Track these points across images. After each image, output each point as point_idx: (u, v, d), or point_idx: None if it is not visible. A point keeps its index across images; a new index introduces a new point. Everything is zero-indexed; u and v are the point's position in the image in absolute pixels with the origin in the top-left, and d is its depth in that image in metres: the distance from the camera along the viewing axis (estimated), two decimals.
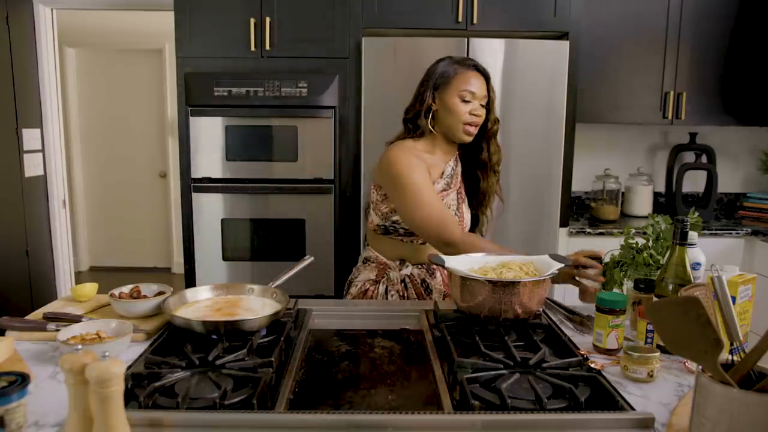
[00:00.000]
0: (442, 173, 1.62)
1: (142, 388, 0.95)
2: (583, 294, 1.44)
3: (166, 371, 1.01)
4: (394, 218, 1.59)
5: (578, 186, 3.29)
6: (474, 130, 1.57)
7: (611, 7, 2.89)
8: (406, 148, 1.58)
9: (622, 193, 3.23)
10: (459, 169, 1.68)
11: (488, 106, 1.60)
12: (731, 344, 0.84)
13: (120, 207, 5.27)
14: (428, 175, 1.55)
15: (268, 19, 2.64)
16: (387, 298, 1.62)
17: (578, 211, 3.35)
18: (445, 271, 1.59)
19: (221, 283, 1.43)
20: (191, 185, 2.71)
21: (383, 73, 2.57)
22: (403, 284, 1.62)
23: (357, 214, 2.70)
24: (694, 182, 3.33)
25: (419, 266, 1.63)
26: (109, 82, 5.10)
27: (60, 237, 3.31)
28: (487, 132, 1.62)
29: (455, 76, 1.57)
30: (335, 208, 2.70)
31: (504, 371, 1.04)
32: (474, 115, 1.55)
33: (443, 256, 1.37)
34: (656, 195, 3.29)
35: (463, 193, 1.68)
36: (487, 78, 1.59)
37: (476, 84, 1.56)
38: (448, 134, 1.60)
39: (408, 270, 1.62)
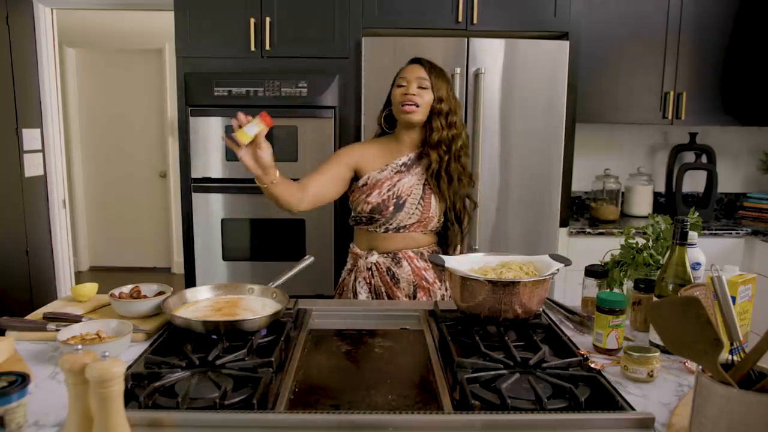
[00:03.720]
0: (394, 162, 1.70)
1: (142, 388, 0.95)
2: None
3: (166, 371, 1.01)
4: (356, 208, 1.72)
5: (578, 186, 3.29)
6: (411, 108, 1.63)
7: (611, 7, 2.89)
8: (350, 145, 1.81)
9: (622, 193, 3.23)
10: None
11: (432, 89, 1.65)
12: (731, 344, 0.84)
13: (120, 207, 5.27)
14: (341, 161, 1.69)
15: (268, 19, 2.64)
16: (356, 287, 1.70)
17: (578, 211, 3.35)
18: (414, 261, 1.68)
19: (221, 283, 1.43)
20: (191, 185, 2.71)
21: (383, 73, 2.55)
22: (369, 272, 1.70)
23: None
24: (694, 182, 3.32)
25: (385, 255, 1.70)
26: (109, 82, 5.10)
27: (60, 237, 3.31)
28: (432, 112, 1.66)
29: (396, 75, 1.71)
30: (335, 208, 2.70)
31: (504, 371, 1.04)
32: (406, 95, 1.63)
33: (443, 257, 1.37)
34: (656, 195, 3.29)
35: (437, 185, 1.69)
36: (424, 64, 1.68)
37: (409, 71, 1.68)
38: (400, 123, 1.70)
39: (374, 258, 1.70)
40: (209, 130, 2.66)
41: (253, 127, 1.37)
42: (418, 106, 1.63)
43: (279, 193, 1.54)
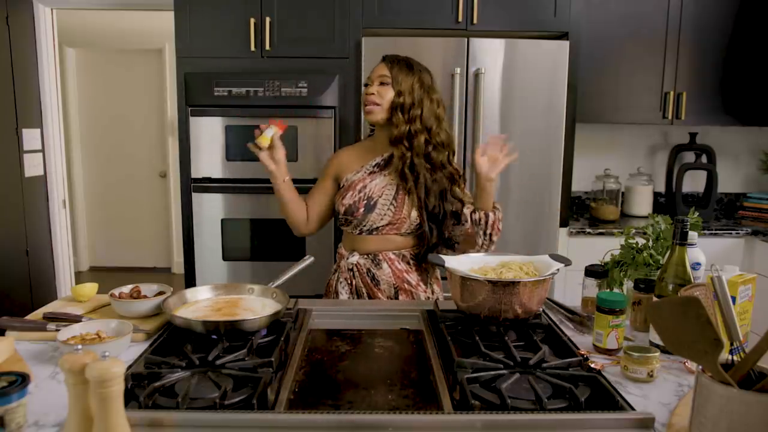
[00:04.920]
0: (369, 164, 1.71)
1: (142, 388, 0.95)
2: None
3: (166, 371, 1.01)
4: (336, 210, 1.74)
5: (578, 186, 3.29)
6: (369, 108, 1.64)
7: (611, 7, 2.89)
8: (336, 152, 1.87)
9: (622, 193, 3.23)
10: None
11: (394, 85, 1.63)
12: (731, 344, 0.84)
13: (120, 207, 5.27)
14: (325, 174, 1.78)
15: (268, 19, 2.64)
16: (338, 287, 1.71)
17: (578, 211, 3.35)
18: (394, 264, 1.66)
19: (221, 283, 1.43)
20: (191, 185, 2.71)
21: None
22: (351, 273, 1.70)
23: None
24: (694, 182, 3.33)
25: (365, 256, 1.69)
26: (109, 82, 5.10)
27: (60, 237, 3.31)
28: (391, 107, 1.64)
29: None
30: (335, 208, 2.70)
31: (504, 371, 1.04)
32: (367, 94, 1.65)
33: (443, 257, 1.37)
34: (656, 195, 3.29)
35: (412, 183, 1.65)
36: (387, 61, 1.67)
37: (375, 70, 1.68)
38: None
39: (354, 259, 1.69)
40: (209, 130, 2.66)
41: (269, 131, 1.63)
42: (378, 104, 1.62)
43: (289, 197, 1.69)
